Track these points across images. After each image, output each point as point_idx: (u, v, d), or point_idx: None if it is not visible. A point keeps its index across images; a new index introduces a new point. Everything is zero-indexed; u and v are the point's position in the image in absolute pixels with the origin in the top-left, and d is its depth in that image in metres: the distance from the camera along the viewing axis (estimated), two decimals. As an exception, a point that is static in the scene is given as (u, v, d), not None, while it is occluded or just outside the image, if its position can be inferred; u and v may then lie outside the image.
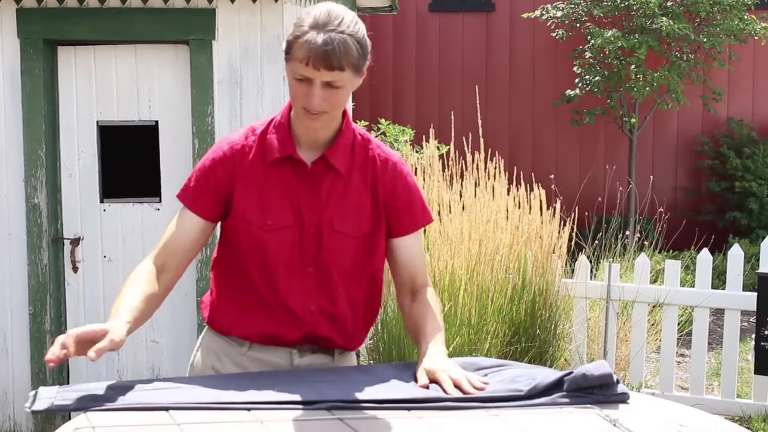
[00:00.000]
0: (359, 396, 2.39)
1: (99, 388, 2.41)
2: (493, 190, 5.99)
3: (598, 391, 2.45)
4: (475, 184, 5.99)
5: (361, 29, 2.52)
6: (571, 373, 2.47)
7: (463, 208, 5.94)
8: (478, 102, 7.44)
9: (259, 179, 2.62)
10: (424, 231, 5.88)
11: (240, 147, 2.65)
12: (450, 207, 5.86)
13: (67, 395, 2.35)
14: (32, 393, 2.34)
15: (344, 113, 2.66)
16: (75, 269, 5.46)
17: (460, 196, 5.99)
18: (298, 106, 2.53)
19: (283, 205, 2.61)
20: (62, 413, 2.34)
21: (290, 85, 2.52)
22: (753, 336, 5.94)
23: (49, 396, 2.34)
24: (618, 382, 2.50)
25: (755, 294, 5.73)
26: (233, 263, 2.70)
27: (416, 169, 6.11)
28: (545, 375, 2.50)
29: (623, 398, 2.46)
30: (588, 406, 2.41)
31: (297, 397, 2.37)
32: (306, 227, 2.61)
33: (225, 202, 2.65)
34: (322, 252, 2.62)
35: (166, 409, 2.30)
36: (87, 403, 2.30)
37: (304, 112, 2.52)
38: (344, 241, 2.63)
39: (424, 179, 6.07)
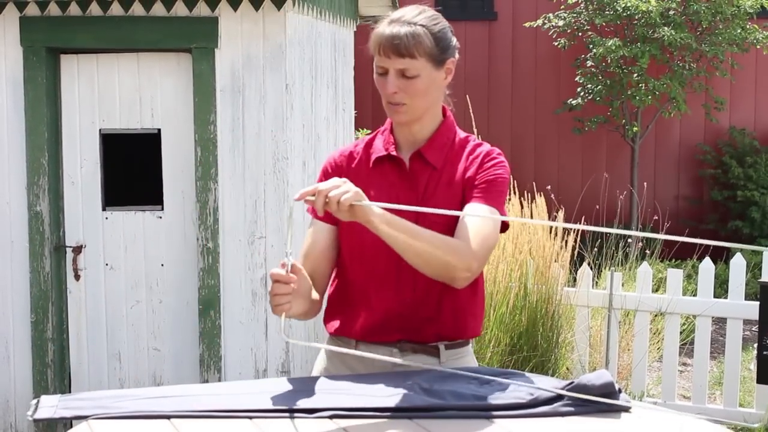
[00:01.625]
0: (358, 404, 2.39)
1: (101, 396, 2.41)
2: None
3: (600, 400, 2.44)
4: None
5: (439, 24, 2.67)
6: (572, 383, 2.47)
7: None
8: (471, 111, 7.45)
9: (363, 180, 2.70)
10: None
11: (348, 153, 2.82)
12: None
13: (69, 404, 2.35)
14: (34, 401, 2.35)
15: (445, 114, 2.82)
16: (77, 277, 5.47)
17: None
18: (384, 101, 2.68)
19: (382, 201, 2.66)
20: (64, 422, 2.34)
21: (376, 82, 2.68)
22: (755, 345, 5.94)
23: (51, 404, 2.34)
24: (620, 391, 2.50)
25: (757, 303, 5.72)
26: (341, 264, 2.81)
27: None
28: (547, 385, 2.50)
29: (625, 408, 2.45)
30: (590, 415, 2.41)
31: (297, 406, 2.37)
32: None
33: None
34: None
35: (168, 417, 2.30)
36: (89, 412, 2.30)
37: (388, 106, 2.68)
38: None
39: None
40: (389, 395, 2.46)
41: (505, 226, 2.78)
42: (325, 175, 2.80)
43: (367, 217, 2.41)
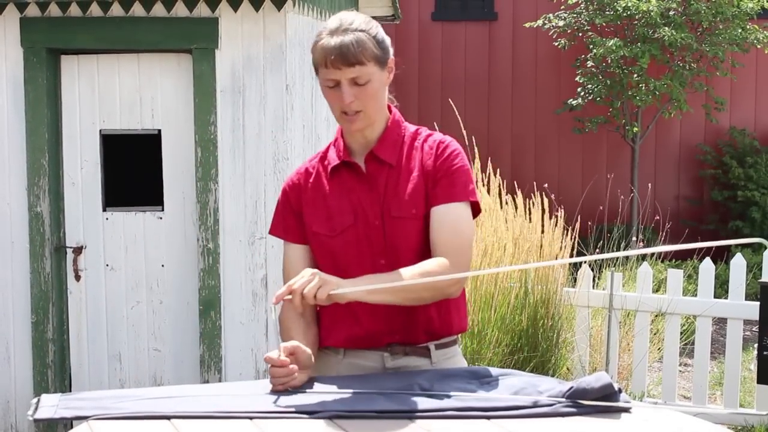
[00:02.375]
0: (360, 406, 2.39)
1: (101, 396, 2.41)
2: (499, 197, 5.99)
3: (600, 401, 2.44)
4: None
5: (374, 26, 2.67)
6: (571, 388, 2.47)
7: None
8: (460, 112, 7.46)
9: (322, 192, 2.78)
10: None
11: (304, 170, 2.85)
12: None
13: (70, 404, 2.35)
14: (34, 401, 2.35)
15: (391, 111, 2.82)
16: (77, 278, 5.47)
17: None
18: (337, 113, 2.68)
19: (343, 208, 2.75)
20: (64, 422, 2.34)
21: (325, 96, 2.68)
22: (755, 345, 5.93)
23: (51, 404, 2.34)
24: (620, 391, 2.50)
25: (758, 303, 5.72)
26: None
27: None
28: (547, 387, 2.50)
29: (626, 408, 2.45)
30: (590, 415, 2.41)
31: (297, 407, 2.37)
32: (369, 221, 2.72)
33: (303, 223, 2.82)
34: (388, 240, 2.72)
35: (168, 417, 2.30)
36: (89, 412, 2.30)
37: (343, 117, 2.68)
38: (404, 224, 2.71)
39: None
40: (390, 396, 2.46)
41: (477, 211, 2.77)
42: (285, 197, 2.85)
43: (348, 298, 2.49)
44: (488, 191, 6.08)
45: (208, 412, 2.32)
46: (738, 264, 6.21)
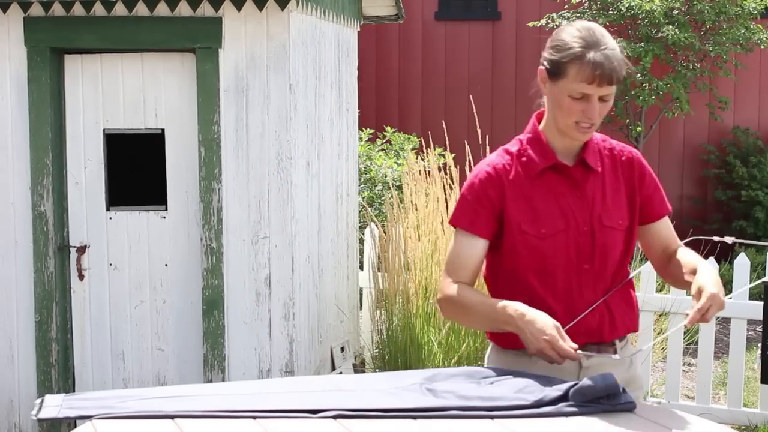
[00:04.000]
0: (362, 404, 2.39)
1: (105, 396, 2.41)
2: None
3: (605, 401, 2.44)
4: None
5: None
6: (576, 383, 2.46)
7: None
8: (474, 110, 7.45)
9: (525, 192, 2.82)
10: (434, 242, 5.88)
11: (501, 167, 2.87)
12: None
13: (74, 403, 2.35)
14: (38, 401, 2.35)
15: None
16: (81, 277, 5.47)
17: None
18: (570, 121, 2.75)
19: (552, 212, 2.81)
20: (68, 421, 2.34)
21: (562, 102, 2.75)
22: (759, 345, 5.93)
23: (55, 404, 2.34)
24: (624, 391, 2.49)
25: (761, 303, 5.71)
26: (510, 277, 2.87)
27: (421, 176, 6.11)
28: (551, 386, 2.50)
29: (629, 407, 2.45)
30: (594, 415, 2.41)
31: (301, 406, 2.37)
32: (580, 228, 2.80)
33: (499, 218, 2.84)
34: (597, 248, 2.82)
35: (172, 417, 2.30)
36: (93, 411, 2.30)
37: (576, 127, 2.76)
38: (613, 234, 2.84)
39: (431, 186, 6.07)
40: (393, 395, 2.46)
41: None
42: (482, 187, 2.84)
43: None
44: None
45: (212, 411, 2.32)
46: (742, 263, 6.20)
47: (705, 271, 2.72)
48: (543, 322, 2.61)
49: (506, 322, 2.68)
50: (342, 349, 6.11)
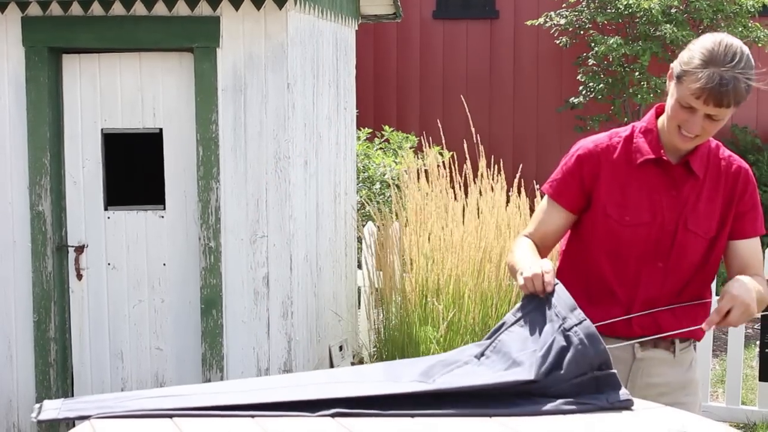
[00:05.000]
0: (361, 393, 2.40)
1: (104, 398, 2.41)
2: (507, 196, 5.98)
3: (602, 397, 2.45)
4: (480, 192, 5.99)
5: (751, 63, 2.70)
6: (553, 342, 2.47)
7: (464, 216, 5.94)
8: (467, 110, 7.45)
9: (621, 178, 2.85)
10: (428, 237, 5.89)
11: (605, 146, 2.89)
12: (453, 213, 5.86)
13: (72, 405, 2.36)
14: (37, 406, 2.36)
15: None
16: (79, 277, 5.47)
17: (465, 203, 5.99)
18: (674, 125, 2.75)
19: (642, 204, 2.82)
20: (67, 422, 2.35)
21: (672, 104, 2.74)
22: (758, 343, 5.93)
23: (54, 407, 2.35)
24: (621, 387, 2.50)
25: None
26: (584, 255, 2.92)
27: (419, 175, 6.12)
28: (542, 343, 2.50)
29: (627, 404, 2.46)
30: (592, 413, 2.41)
31: (299, 398, 2.38)
32: (665, 226, 2.81)
33: (588, 195, 2.88)
34: (675, 249, 2.83)
35: (171, 416, 2.31)
36: (92, 412, 2.31)
37: (677, 132, 2.75)
38: (695, 240, 2.84)
39: (430, 186, 6.07)
40: (390, 387, 2.47)
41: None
42: (579, 163, 2.89)
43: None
44: (491, 188, 6.08)
45: (211, 407, 2.33)
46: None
47: (739, 279, 2.72)
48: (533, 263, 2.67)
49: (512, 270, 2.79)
50: (340, 347, 6.11)
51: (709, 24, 10.82)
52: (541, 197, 3.04)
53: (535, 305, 2.62)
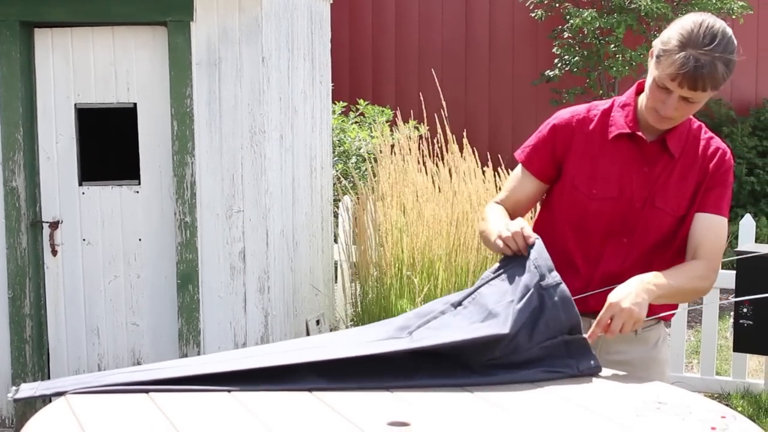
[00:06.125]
0: (337, 356, 2.42)
1: (81, 377, 2.42)
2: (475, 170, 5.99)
3: (573, 363, 2.48)
4: (449, 171, 6.00)
5: (732, 46, 2.64)
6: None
7: (439, 190, 5.96)
8: (437, 84, 7.46)
9: (593, 150, 2.84)
10: (403, 211, 5.89)
11: (581, 118, 2.88)
12: (425, 187, 5.87)
13: (50, 384, 2.37)
14: (14, 388, 2.37)
15: None
16: (54, 252, 5.45)
17: (435, 177, 6.00)
18: (650, 105, 2.72)
19: (611, 178, 2.81)
20: (44, 398, 2.35)
21: (650, 83, 2.71)
22: (732, 314, 5.98)
23: (31, 387, 2.37)
24: (591, 353, 2.53)
25: (734, 272, 5.76)
26: (550, 225, 2.91)
27: (393, 149, 6.12)
28: (520, 293, 2.52)
29: (595, 371, 2.50)
30: (562, 382, 2.43)
31: (277, 363, 2.40)
32: (633, 202, 2.79)
33: (558, 165, 2.88)
34: (639, 225, 2.80)
35: (147, 391, 2.31)
36: (68, 387, 2.31)
37: (653, 112, 2.72)
38: (662, 217, 2.81)
39: (404, 160, 6.08)
40: (366, 348, 2.48)
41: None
42: (553, 132, 2.89)
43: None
44: (464, 159, 6.08)
45: (186, 378, 2.34)
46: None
47: (628, 282, 2.62)
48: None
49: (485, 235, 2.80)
50: (317, 322, 6.12)
51: (684, -4, 10.85)
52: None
53: (515, 262, 2.63)
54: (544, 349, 2.48)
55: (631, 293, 2.56)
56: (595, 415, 2.21)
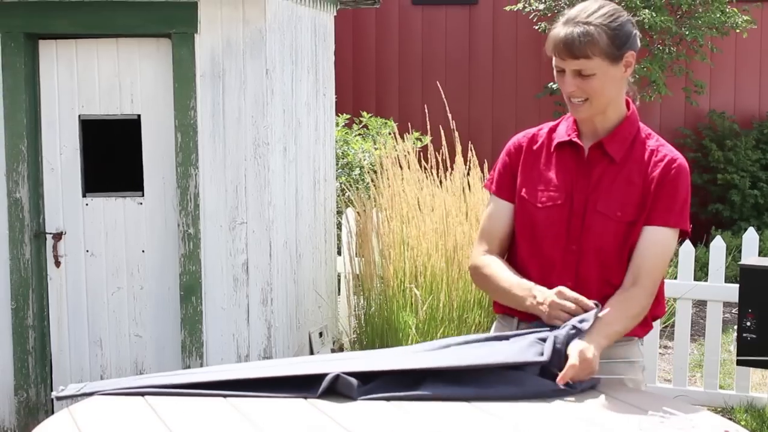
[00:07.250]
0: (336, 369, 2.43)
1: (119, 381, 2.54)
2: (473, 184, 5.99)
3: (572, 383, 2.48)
4: (442, 178, 6.00)
5: (617, 18, 2.75)
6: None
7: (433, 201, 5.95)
8: (443, 96, 7.46)
9: (541, 163, 2.89)
10: (406, 224, 5.89)
11: (532, 135, 2.96)
12: (426, 201, 5.87)
13: (93, 385, 2.52)
14: (61, 387, 2.48)
15: (629, 108, 2.88)
16: (57, 264, 5.45)
17: (433, 191, 6.00)
18: (565, 96, 2.79)
19: (555, 185, 2.84)
20: (84, 395, 2.45)
21: (557, 79, 2.79)
22: (735, 327, 5.97)
23: (76, 388, 2.49)
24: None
25: (737, 285, 5.75)
26: (512, 243, 2.94)
27: (400, 163, 6.12)
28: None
29: (592, 384, 2.50)
30: (564, 397, 2.43)
31: (279, 374, 2.41)
32: (574, 207, 2.80)
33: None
34: (584, 231, 2.80)
35: (142, 395, 2.34)
36: (108, 388, 2.43)
37: (568, 101, 2.78)
38: (604, 222, 2.79)
39: (403, 172, 6.08)
40: (371, 363, 2.50)
41: (684, 235, 2.92)
42: (508, 155, 2.96)
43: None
44: (468, 173, 6.09)
45: (185, 385, 2.37)
46: (718, 246, 6.23)
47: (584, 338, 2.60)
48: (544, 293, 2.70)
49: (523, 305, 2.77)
50: (320, 334, 6.12)
51: (687, 9, 10.85)
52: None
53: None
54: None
55: (590, 347, 2.55)
56: (598, 428, 2.20)
